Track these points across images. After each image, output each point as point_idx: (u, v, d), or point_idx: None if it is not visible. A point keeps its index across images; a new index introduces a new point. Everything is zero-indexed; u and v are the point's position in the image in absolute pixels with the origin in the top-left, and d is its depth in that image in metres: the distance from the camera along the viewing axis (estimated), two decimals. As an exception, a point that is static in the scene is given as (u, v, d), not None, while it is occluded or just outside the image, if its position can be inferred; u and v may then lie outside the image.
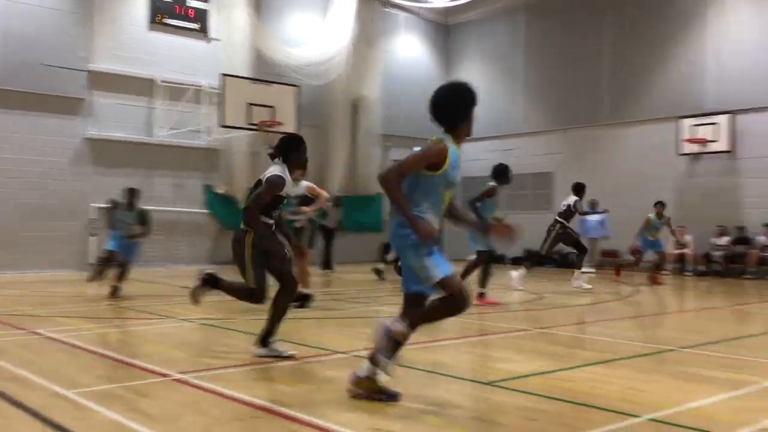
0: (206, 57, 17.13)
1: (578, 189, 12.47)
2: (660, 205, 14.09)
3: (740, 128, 16.23)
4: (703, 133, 16.53)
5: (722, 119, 16.28)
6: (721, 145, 16.28)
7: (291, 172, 5.58)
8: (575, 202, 12.21)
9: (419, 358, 5.36)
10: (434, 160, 3.96)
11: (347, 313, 8.84)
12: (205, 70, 16.78)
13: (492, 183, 9.58)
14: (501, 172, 9.70)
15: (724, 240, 16.00)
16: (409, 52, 22.01)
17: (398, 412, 3.97)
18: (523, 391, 4.45)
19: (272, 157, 5.61)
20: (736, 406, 4.27)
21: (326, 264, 15.70)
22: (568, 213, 12.20)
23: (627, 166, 18.28)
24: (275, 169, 5.46)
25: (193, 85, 16.78)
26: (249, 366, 5.23)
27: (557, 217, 12.25)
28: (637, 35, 18.32)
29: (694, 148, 16.70)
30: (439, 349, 6.09)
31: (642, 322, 8.71)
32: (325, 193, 8.85)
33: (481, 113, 18.95)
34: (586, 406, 4.12)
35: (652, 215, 14.04)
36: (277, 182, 5.37)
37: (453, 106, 4.09)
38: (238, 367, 5.22)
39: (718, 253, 15.96)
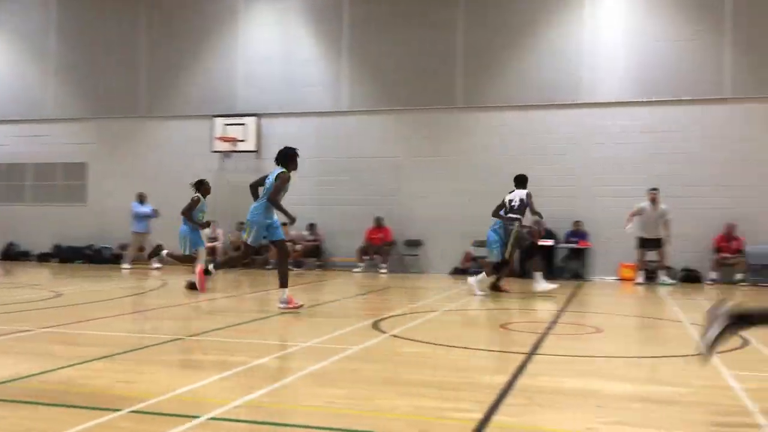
0: None
1: (524, 181, 11.26)
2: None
3: (265, 130, 17.67)
4: (234, 132, 17.53)
5: (250, 121, 17.50)
6: (249, 145, 17.48)
7: None
8: (527, 194, 11.03)
9: None
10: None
11: None
12: None
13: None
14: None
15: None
16: None
17: None
18: (-6, 400, 3.90)
19: None
20: (224, 386, 4.44)
21: None
22: (522, 208, 10.95)
23: (164, 160, 18.32)
24: None
25: None
26: None
27: (512, 215, 10.94)
28: (173, 32, 18.51)
29: (226, 146, 17.58)
30: None
31: (157, 313, 8.69)
32: None
33: (5, 94, 17.00)
34: (64, 407, 3.81)
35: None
36: None
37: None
38: None
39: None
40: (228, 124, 17.62)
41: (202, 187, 11.34)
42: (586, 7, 16.09)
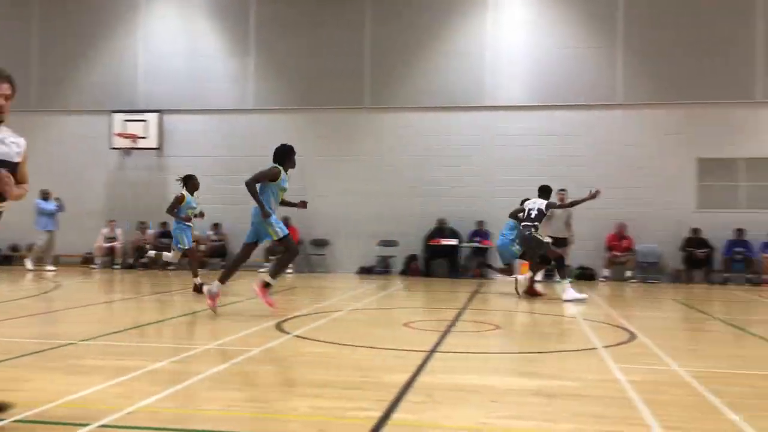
0: None
1: (548, 191, 11.47)
2: None
3: (168, 127, 17.17)
4: (134, 129, 16.93)
5: (151, 117, 16.96)
6: (151, 142, 16.95)
7: None
8: (547, 204, 11.19)
9: None
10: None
11: None
12: None
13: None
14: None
15: (150, 233, 16.70)
16: None
17: None
18: None
19: None
20: (118, 392, 4.29)
21: None
22: (540, 218, 11.10)
23: (58, 157, 17.48)
24: None
25: None
26: None
27: (527, 223, 11.07)
28: (68, 21, 17.76)
29: (126, 142, 16.96)
30: None
31: (50, 317, 8.29)
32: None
33: None
34: (-59, 419, 3.57)
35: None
36: None
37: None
38: None
39: (148, 247, 16.47)
40: (128, 120, 17.01)
41: (189, 182, 10.67)
42: (489, 12, 16.53)
